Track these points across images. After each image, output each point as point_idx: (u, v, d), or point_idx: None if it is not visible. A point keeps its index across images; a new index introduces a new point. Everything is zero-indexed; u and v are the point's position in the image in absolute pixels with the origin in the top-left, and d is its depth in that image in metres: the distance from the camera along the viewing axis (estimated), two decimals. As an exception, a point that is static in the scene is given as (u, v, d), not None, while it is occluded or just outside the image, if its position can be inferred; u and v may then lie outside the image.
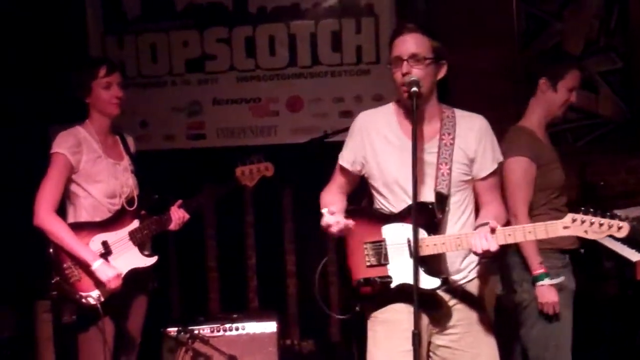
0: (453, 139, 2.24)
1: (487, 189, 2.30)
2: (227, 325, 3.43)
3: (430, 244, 2.17)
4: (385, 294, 2.26)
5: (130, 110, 4.07)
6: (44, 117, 3.81)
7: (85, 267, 2.60)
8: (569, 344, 2.69)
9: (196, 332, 3.39)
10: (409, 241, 2.19)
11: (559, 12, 4.06)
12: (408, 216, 2.20)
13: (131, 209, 2.73)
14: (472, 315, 2.31)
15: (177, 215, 2.79)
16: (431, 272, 2.20)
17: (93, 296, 2.57)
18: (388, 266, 2.26)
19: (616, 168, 4.11)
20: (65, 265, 2.60)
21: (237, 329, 3.43)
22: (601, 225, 1.99)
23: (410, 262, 2.17)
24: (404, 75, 2.18)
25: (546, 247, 2.66)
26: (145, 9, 4.14)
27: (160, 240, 2.87)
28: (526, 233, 2.08)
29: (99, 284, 2.59)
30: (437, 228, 2.21)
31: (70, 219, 2.72)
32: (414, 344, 2.09)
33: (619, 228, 1.99)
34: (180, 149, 4.14)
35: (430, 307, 2.27)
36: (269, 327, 3.46)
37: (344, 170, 2.40)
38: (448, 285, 2.24)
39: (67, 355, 2.86)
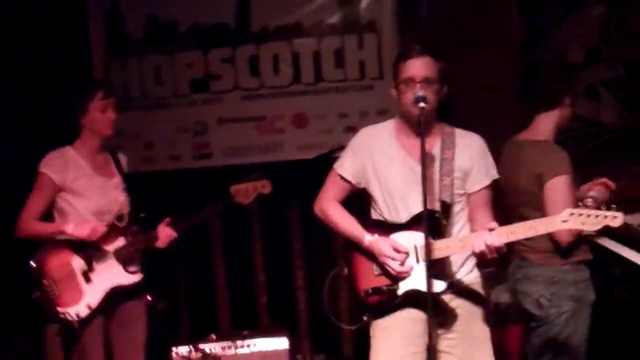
0: (453, 153, 2.34)
1: (478, 204, 2.37)
2: (239, 343, 3.43)
3: (436, 248, 2.25)
4: (392, 301, 2.33)
5: (135, 133, 4.11)
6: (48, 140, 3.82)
7: (66, 283, 2.61)
8: (582, 356, 2.70)
9: (208, 350, 3.39)
10: (415, 248, 2.30)
11: (559, 21, 4.09)
12: (413, 225, 2.31)
13: (121, 225, 2.76)
14: (469, 322, 2.37)
15: (165, 233, 2.79)
16: (437, 276, 2.26)
17: (71, 313, 2.58)
18: None
19: (619, 175, 4.10)
20: (45, 281, 2.62)
21: (248, 345, 3.43)
22: (597, 216, 2.07)
23: (416, 268, 2.29)
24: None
25: (574, 260, 2.64)
26: (148, 31, 4.18)
27: (168, 259, 2.88)
28: (527, 230, 2.18)
29: (78, 300, 2.61)
30: (443, 235, 2.30)
31: None
32: (428, 359, 2.18)
33: (614, 218, 2.07)
34: (187, 168, 4.17)
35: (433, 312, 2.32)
36: (281, 343, 3.46)
37: (343, 180, 2.46)
38: (453, 288, 2.32)
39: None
